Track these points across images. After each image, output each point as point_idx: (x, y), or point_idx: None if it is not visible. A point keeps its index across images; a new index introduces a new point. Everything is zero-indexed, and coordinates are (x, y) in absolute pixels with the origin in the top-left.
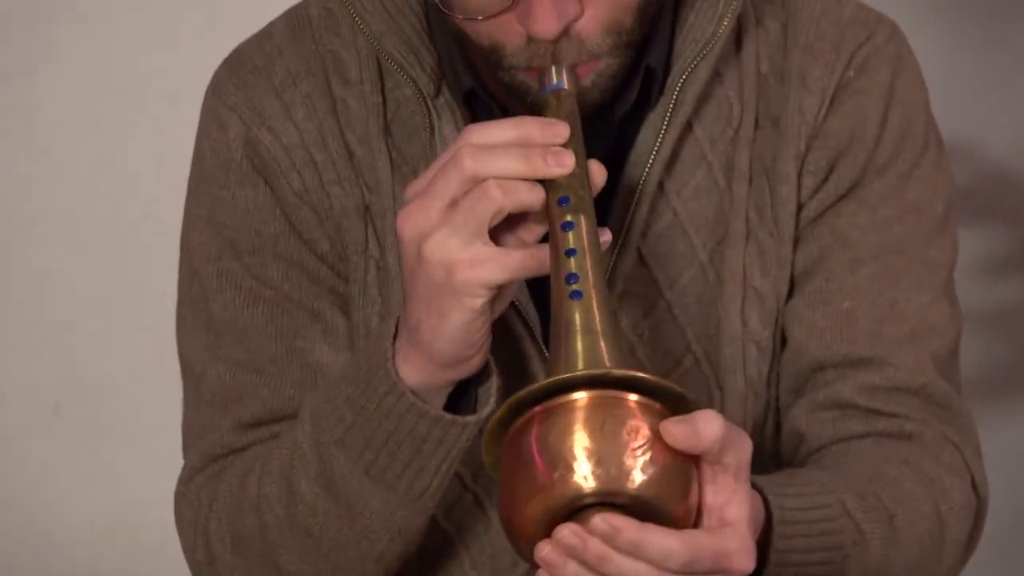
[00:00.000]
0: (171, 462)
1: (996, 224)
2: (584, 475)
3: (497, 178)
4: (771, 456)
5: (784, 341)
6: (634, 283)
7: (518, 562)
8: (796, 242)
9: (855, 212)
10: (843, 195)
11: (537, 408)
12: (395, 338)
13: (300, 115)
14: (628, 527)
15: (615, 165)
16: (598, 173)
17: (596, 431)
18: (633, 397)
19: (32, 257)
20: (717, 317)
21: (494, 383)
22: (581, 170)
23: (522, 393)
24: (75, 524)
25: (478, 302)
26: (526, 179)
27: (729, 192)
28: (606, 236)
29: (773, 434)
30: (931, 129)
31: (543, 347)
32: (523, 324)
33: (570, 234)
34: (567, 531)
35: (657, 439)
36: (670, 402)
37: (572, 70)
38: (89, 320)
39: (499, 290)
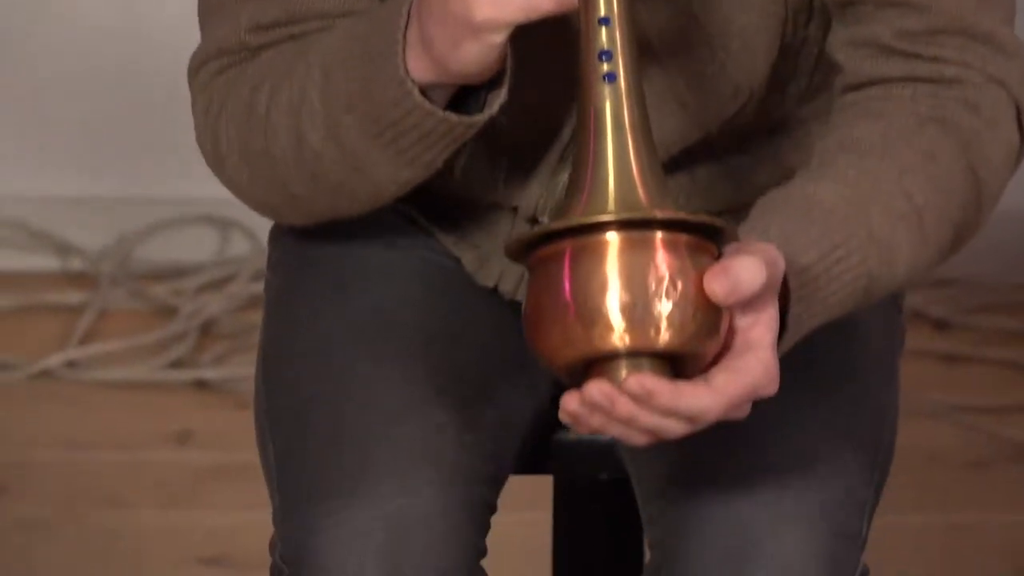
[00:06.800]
0: None
1: None
2: (620, 334)
3: None
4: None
5: None
6: None
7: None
8: None
9: None
10: None
11: (566, 243)
12: (407, 26)
13: None
14: (661, 392)
15: None
16: None
17: (629, 283)
18: (664, 236)
19: None
20: None
21: (504, 92)
22: None
23: (541, 230)
24: None
25: (496, 39)
26: None
27: None
28: None
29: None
30: None
31: None
32: None
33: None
34: (597, 391)
35: (691, 283)
36: (706, 233)
37: None
38: None
39: None
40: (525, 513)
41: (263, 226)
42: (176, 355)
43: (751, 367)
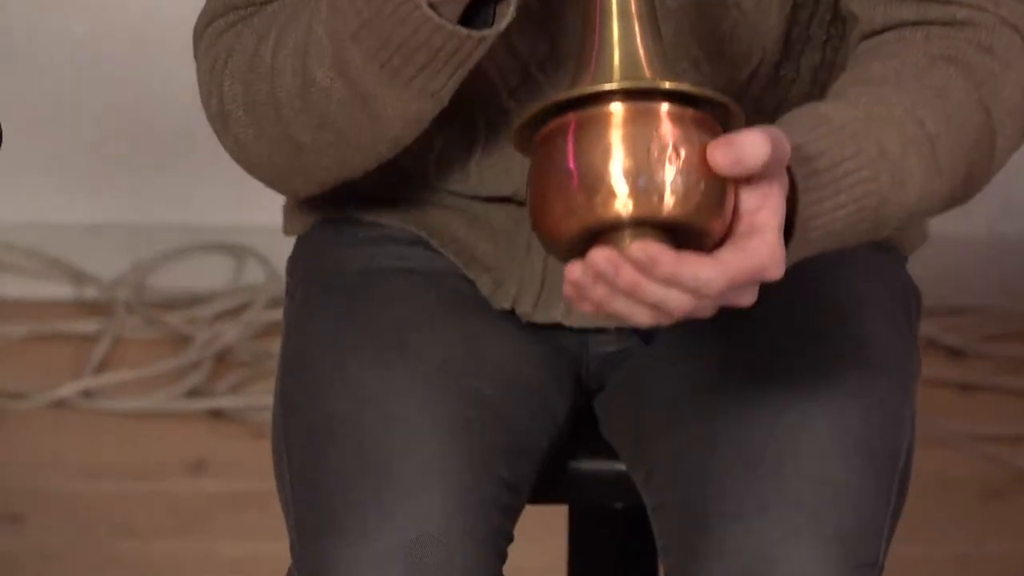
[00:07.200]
0: None
1: None
2: (623, 201)
3: None
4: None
5: None
6: None
7: None
8: None
9: None
10: None
11: (570, 116)
12: None
13: None
14: (665, 259)
15: None
16: None
17: (633, 150)
18: (670, 108)
19: None
20: None
21: (512, 10)
22: None
23: (549, 102)
24: None
25: None
26: None
27: None
28: None
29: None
30: None
31: None
32: None
33: None
34: (600, 257)
35: (695, 153)
36: (710, 108)
37: None
38: None
39: None
40: (540, 541)
41: (278, 254)
42: (191, 384)
43: (756, 248)
